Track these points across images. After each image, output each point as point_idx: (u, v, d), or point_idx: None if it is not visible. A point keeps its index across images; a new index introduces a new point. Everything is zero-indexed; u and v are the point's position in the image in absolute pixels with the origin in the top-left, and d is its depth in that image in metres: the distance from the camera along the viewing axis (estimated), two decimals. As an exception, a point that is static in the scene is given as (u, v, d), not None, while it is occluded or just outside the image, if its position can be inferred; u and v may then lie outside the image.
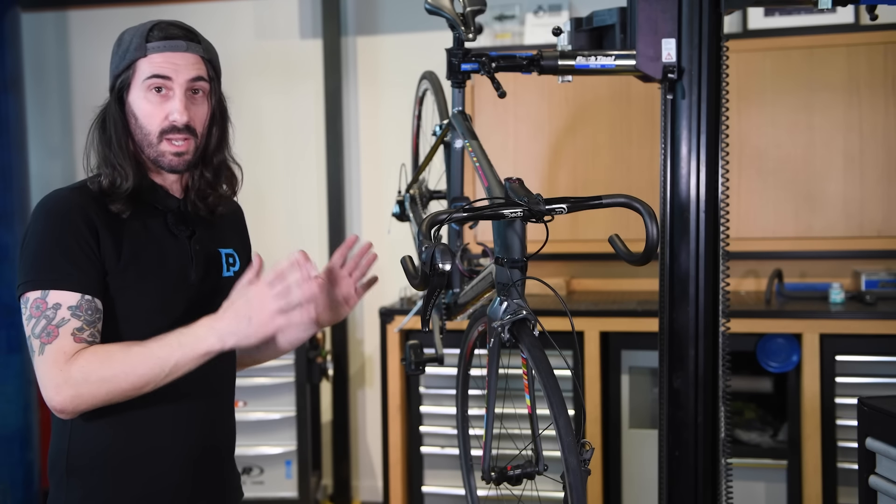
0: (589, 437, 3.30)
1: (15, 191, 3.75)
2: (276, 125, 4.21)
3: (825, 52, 3.41)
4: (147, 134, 1.55)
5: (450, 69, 2.07)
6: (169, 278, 1.56)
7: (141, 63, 1.54)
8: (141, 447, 1.55)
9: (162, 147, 1.55)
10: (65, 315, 1.45)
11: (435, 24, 2.82)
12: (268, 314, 1.45)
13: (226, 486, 1.70)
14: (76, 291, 1.46)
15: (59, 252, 1.47)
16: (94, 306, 1.47)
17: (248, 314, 1.45)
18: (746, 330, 3.16)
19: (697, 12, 2.00)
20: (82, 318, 1.45)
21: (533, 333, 1.53)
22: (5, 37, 3.74)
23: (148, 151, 1.56)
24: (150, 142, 1.55)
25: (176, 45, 1.55)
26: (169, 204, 1.61)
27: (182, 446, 1.58)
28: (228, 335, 1.45)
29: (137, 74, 1.54)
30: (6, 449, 3.66)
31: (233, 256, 1.70)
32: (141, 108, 1.54)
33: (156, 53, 1.53)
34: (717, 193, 2.04)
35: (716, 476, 2.08)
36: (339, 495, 4.11)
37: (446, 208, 2.03)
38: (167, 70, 1.53)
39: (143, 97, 1.54)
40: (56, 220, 1.49)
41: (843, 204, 3.43)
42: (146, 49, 1.53)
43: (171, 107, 1.54)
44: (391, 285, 4.02)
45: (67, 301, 1.45)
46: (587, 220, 3.49)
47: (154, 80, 1.53)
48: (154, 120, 1.54)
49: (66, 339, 1.43)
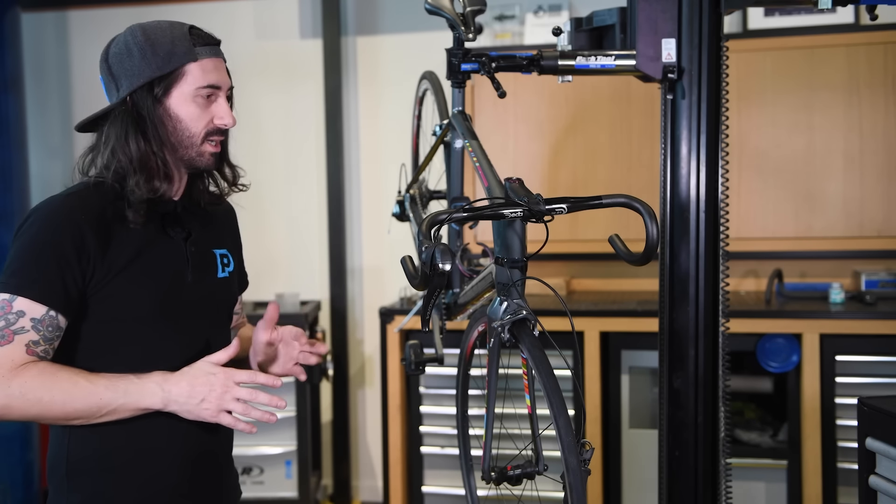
0: (589, 437, 3.30)
1: (15, 191, 3.75)
2: (276, 125, 4.21)
3: (825, 52, 3.41)
4: (191, 135, 1.55)
5: (450, 69, 2.07)
6: (164, 280, 1.56)
7: (192, 67, 1.53)
8: (139, 450, 1.55)
9: (203, 147, 1.56)
10: (25, 324, 1.43)
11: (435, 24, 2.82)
12: (219, 409, 1.47)
13: (224, 486, 1.70)
14: (43, 304, 1.44)
15: (37, 263, 1.46)
16: (55, 323, 1.46)
17: (204, 396, 1.47)
18: (746, 330, 3.16)
19: (697, 12, 2.00)
20: (41, 333, 1.45)
21: (533, 333, 1.53)
22: (5, 37, 3.74)
23: (185, 152, 1.56)
24: (193, 143, 1.55)
25: (217, 50, 1.58)
26: (164, 206, 1.61)
27: (179, 448, 1.58)
28: (173, 403, 1.47)
29: (187, 79, 1.53)
30: (6, 449, 3.66)
31: (227, 257, 1.71)
32: (188, 111, 1.54)
33: (206, 59, 1.55)
34: (717, 193, 2.04)
35: (716, 476, 2.08)
36: (339, 495, 4.11)
37: (446, 208, 2.03)
38: (218, 79, 1.56)
39: (191, 101, 1.54)
40: (43, 232, 1.47)
41: (843, 204, 3.43)
42: (195, 53, 1.54)
43: (217, 111, 1.56)
44: (391, 285, 4.03)
45: (32, 312, 1.44)
46: (587, 220, 3.49)
47: (208, 89, 1.54)
48: (201, 123, 1.55)
49: (19, 349, 1.42)
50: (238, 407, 1.48)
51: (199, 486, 1.62)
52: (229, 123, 1.57)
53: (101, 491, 1.54)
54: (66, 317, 1.47)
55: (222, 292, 1.67)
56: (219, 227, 1.72)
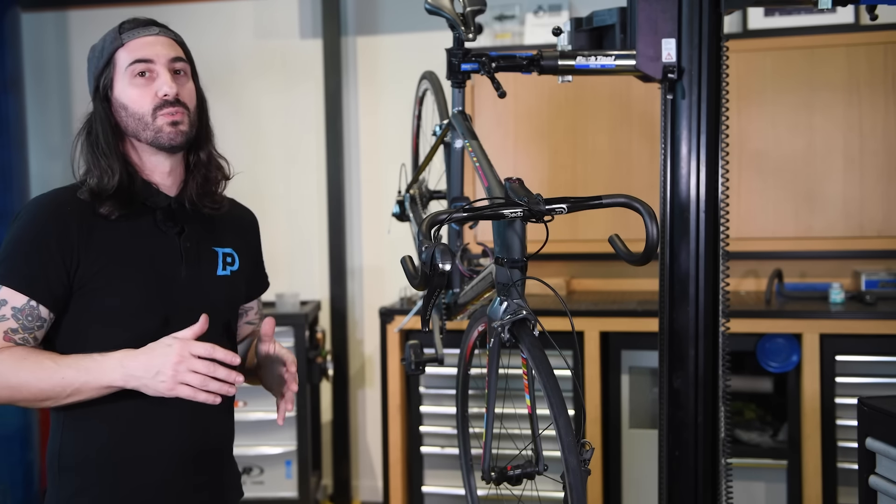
0: (589, 437, 3.30)
1: (15, 191, 3.75)
2: (277, 125, 4.21)
3: (825, 52, 3.41)
4: (141, 116, 1.56)
5: (450, 69, 2.07)
6: (153, 275, 1.56)
7: (119, 53, 1.57)
8: (134, 445, 1.55)
9: (158, 122, 1.56)
10: (6, 312, 1.48)
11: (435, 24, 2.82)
12: (175, 381, 1.45)
13: (224, 485, 1.70)
14: (25, 294, 1.48)
15: (23, 254, 1.50)
16: (36, 314, 1.49)
17: (160, 369, 1.45)
18: (746, 330, 3.16)
19: (697, 12, 2.00)
20: (20, 322, 1.48)
21: (533, 333, 1.53)
22: (5, 37, 3.74)
23: (144, 134, 1.57)
24: (146, 123, 1.56)
25: (149, 30, 1.59)
26: (159, 201, 1.61)
27: (177, 445, 1.58)
28: (132, 378, 1.46)
29: (118, 65, 1.57)
30: (6, 449, 3.66)
31: (231, 256, 1.70)
32: (129, 95, 1.56)
33: (132, 40, 1.57)
34: (717, 193, 2.04)
35: (716, 476, 2.08)
36: (339, 495, 4.11)
37: (446, 208, 2.03)
38: (147, 53, 1.56)
39: (128, 84, 1.56)
40: (32, 224, 1.52)
41: (843, 204, 3.43)
42: (121, 39, 1.57)
43: (158, 84, 1.56)
44: (391, 285, 4.03)
45: (13, 301, 1.48)
46: (587, 220, 3.49)
47: (137, 64, 1.55)
48: (145, 101, 1.56)
49: None
50: (194, 379, 1.45)
51: (199, 485, 1.62)
52: (169, 93, 1.55)
53: (93, 484, 1.54)
54: (48, 308, 1.50)
55: (220, 289, 1.66)
56: (225, 227, 1.71)
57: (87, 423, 1.54)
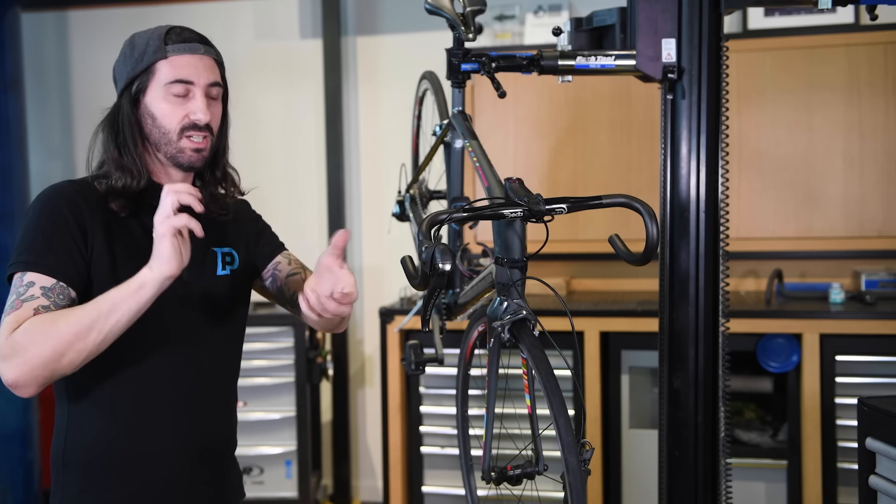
0: (589, 437, 3.30)
1: (15, 191, 3.75)
2: (277, 125, 4.21)
3: (825, 52, 3.41)
4: (167, 132, 1.56)
5: (450, 69, 2.07)
6: None
7: (161, 65, 1.55)
8: (139, 443, 1.56)
9: (182, 144, 1.57)
10: (35, 293, 1.46)
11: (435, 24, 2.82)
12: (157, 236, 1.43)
13: (226, 485, 1.70)
14: (52, 277, 1.47)
15: (43, 240, 1.49)
16: (66, 293, 1.48)
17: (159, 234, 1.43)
18: (746, 330, 3.16)
19: (697, 12, 2.00)
20: (51, 299, 1.46)
21: (533, 333, 1.53)
22: (5, 37, 3.74)
23: (166, 149, 1.58)
24: (170, 139, 1.57)
25: (194, 47, 1.58)
26: None
27: (181, 443, 1.59)
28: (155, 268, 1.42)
29: (157, 76, 1.55)
30: (6, 449, 3.67)
31: (230, 255, 1.71)
32: (161, 108, 1.56)
33: (176, 56, 1.55)
34: (717, 193, 2.04)
35: (716, 476, 2.08)
36: (339, 495, 4.11)
37: (446, 208, 2.03)
38: (189, 74, 1.55)
39: (162, 98, 1.56)
40: (46, 211, 1.52)
41: (843, 204, 3.43)
42: (166, 51, 1.55)
43: (192, 106, 1.56)
44: (391, 285, 4.04)
45: (42, 282, 1.47)
46: (587, 220, 3.49)
47: (177, 84, 1.55)
48: (174, 119, 1.56)
49: (26, 312, 1.43)
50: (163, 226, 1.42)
51: (201, 484, 1.63)
52: (202, 119, 1.56)
53: (97, 482, 1.55)
54: (75, 290, 1.49)
55: (219, 289, 1.67)
56: (224, 226, 1.72)
57: (92, 420, 1.54)
